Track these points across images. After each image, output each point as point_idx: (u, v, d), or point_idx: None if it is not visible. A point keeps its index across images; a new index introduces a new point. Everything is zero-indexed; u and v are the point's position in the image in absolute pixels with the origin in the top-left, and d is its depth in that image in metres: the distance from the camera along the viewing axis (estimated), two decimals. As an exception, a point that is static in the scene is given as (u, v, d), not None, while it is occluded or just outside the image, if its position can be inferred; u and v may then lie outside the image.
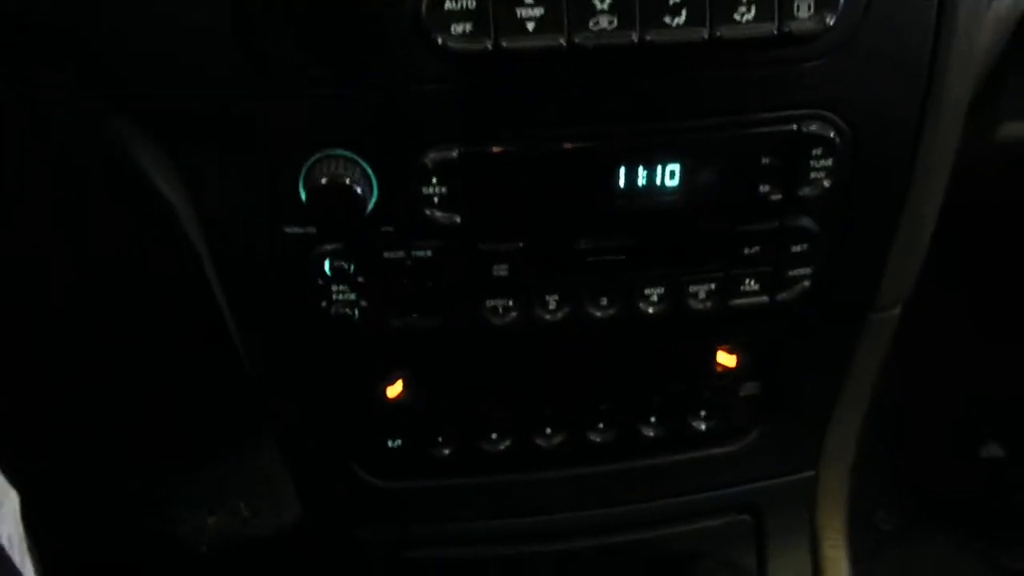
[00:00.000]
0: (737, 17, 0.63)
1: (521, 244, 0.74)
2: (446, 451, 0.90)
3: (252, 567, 1.53)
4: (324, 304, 0.75)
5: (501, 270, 0.74)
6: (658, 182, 0.71)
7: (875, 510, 1.60)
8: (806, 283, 0.78)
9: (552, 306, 0.77)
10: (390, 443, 0.89)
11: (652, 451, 0.93)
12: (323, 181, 0.67)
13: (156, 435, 1.48)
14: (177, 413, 1.45)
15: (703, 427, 0.91)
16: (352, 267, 0.73)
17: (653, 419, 0.90)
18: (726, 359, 0.88)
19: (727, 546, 0.94)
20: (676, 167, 0.71)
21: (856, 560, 1.11)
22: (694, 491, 0.97)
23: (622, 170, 0.71)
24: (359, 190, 0.67)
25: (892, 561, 1.52)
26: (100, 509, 1.51)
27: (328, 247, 0.73)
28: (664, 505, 0.97)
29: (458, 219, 0.71)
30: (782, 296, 0.79)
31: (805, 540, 1.03)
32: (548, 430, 0.90)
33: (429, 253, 0.73)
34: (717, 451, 0.94)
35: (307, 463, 0.95)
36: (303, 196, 0.68)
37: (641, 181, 0.71)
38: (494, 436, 0.89)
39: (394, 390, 0.85)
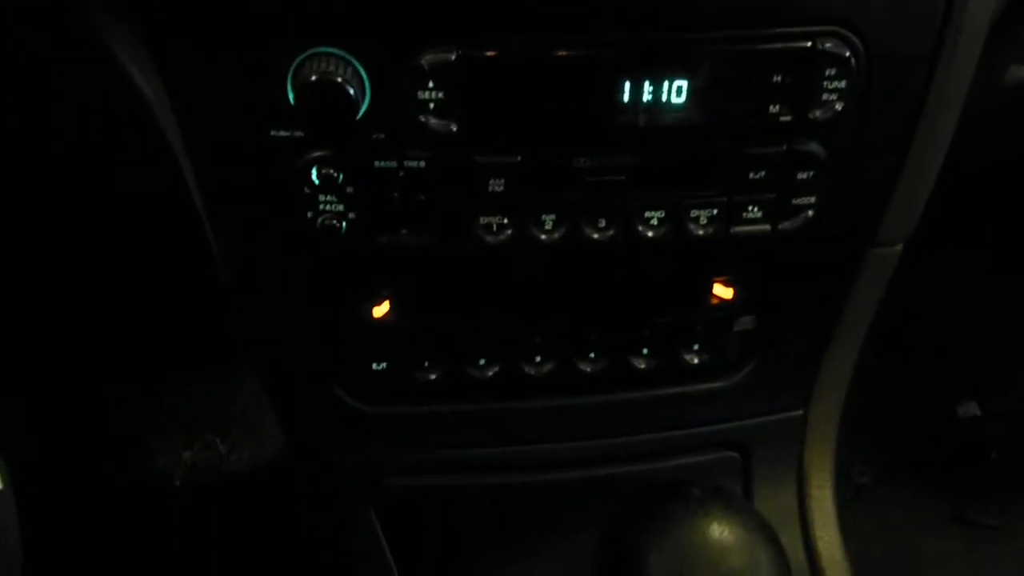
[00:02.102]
0: None
1: (519, 158, 0.71)
2: (432, 375, 0.88)
3: (227, 503, 1.52)
4: (310, 215, 0.72)
5: (497, 185, 0.72)
6: (664, 98, 0.69)
7: (851, 463, 1.62)
8: (810, 212, 0.77)
9: (548, 226, 0.74)
10: (374, 366, 0.87)
11: (642, 383, 0.92)
12: (312, 79, 0.63)
13: (132, 361, 1.46)
14: (153, 340, 1.43)
15: (695, 361, 0.90)
16: (341, 176, 0.70)
17: (645, 350, 0.89)
18: (723, 291, 0.86)
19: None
20: (683, 83, 0.68)
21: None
22: (683, 426, 0.96)
23: (627, 83, 0.68)
24: (350, 91, 0.64)
25: (866, 514, 1.54)
26: (73, 434, 1.50)
27: (316, 153, 0.70)
28: (652, 439, 0.96)
29: (454, 128, 0.68)
30: (784, 225, 0.77)
31: (791, 479, 1.04)
32: (537, 357, 0.88)
33: (422, 164, 0.70)
34: (708, 386, 0.93)
35: (288, 387, 0.93)
36: (291, 97, 0.65)
37: (646, 96, 0.69)
38: (482, 362, 0.88)
39: (380, 310, 0.83)
